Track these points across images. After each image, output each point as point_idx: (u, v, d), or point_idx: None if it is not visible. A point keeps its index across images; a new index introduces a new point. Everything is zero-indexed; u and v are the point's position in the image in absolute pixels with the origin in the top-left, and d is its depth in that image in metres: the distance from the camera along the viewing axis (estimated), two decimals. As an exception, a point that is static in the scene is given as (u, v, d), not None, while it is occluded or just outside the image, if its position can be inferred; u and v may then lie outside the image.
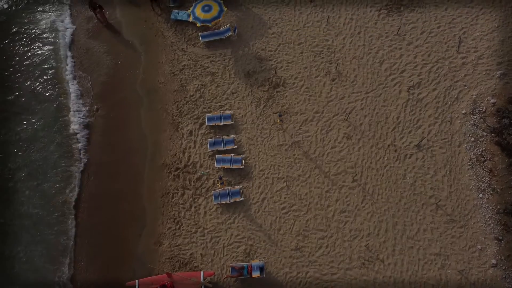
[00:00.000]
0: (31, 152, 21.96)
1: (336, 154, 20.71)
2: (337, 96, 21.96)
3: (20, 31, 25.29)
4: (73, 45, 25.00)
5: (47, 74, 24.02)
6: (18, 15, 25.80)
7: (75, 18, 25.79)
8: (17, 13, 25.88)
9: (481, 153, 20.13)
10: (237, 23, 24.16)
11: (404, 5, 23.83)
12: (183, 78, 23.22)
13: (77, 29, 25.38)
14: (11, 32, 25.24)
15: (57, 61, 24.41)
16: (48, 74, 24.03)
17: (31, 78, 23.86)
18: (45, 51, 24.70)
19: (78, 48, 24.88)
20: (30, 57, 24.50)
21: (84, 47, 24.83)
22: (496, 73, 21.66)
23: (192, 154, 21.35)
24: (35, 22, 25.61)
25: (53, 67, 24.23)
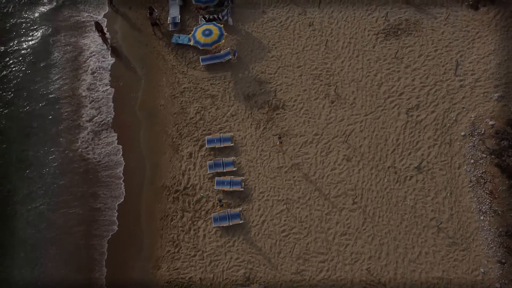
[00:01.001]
0: (35, 172, 21.93)
1: (336, 176, 20.67)
2: (337, 118, 22.08)
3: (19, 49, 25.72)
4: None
5: (51, 94, 24.24)
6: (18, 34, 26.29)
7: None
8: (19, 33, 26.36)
9: (481, 175, 20.10)
10: (237, 47, 24.51)
11: (401, 29, 24.23)
12: (184, 100, 23.40)
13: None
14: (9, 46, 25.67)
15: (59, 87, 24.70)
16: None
17: (30, 99, 24.06)
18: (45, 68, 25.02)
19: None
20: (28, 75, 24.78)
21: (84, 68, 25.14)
22: (494, 96, 21.85)
23: (191, 176, 21.31)
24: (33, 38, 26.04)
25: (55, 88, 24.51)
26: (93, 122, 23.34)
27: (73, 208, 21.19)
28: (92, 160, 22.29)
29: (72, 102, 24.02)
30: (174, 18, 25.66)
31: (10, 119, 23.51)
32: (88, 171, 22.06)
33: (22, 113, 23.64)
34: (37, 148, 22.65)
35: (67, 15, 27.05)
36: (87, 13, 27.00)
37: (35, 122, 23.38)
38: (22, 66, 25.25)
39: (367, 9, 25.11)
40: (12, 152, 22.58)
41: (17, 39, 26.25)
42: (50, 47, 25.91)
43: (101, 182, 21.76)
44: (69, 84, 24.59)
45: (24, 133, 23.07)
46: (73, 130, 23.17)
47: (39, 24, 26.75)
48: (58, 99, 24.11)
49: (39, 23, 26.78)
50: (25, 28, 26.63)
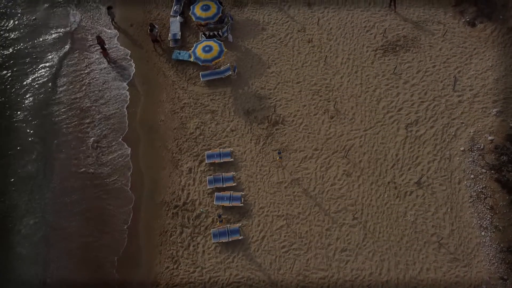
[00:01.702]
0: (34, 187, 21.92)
1: (336, 192, 20.61)
2: (336, 134, 22.14)
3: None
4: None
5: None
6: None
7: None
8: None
9: (482, 190, 20.04)
10: (237, 63, 24.74)
11: (399, 45, 24.50)
12: (184, 116, 23.50)
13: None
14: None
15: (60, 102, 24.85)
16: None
17: (28, 110, 24.19)
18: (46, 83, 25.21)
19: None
20: (28, 88, 24.94)
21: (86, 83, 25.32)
22: (492, 111, 21.95)
23: (191, 191, 21.25)
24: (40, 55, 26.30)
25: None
26: (94, 137, 23.39)
27: (73, 221, 21.07)
28: (95, 174, 22.26)
29: (72, 116, 24.11)
30: (175, 35, 25.97)
31: (8, 133, 23.60)
32: (90, 185, 22.01)
33: (20, 126, 23.75)
34: (36, 161, 22.65)
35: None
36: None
37: (34, 135, 23.46)
38: (22, 78, 25.44)
39: (365, 26, 25.43)
40: (13, 166, 22.59)
41: (23, 57, 26.55)
42: (55, 59, 26.20)
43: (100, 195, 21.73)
44: (68, 99, 24.73)
45: (23, 147, 23.12)
46: (73, 144, 23.18)
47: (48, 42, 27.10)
48: (57, 113, 24.23)
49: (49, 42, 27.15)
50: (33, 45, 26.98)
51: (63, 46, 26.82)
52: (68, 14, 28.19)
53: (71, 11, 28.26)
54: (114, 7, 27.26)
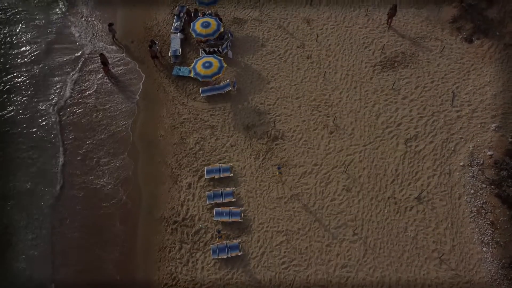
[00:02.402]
0: (29, 197, 21.80)
1: (336, 207, 20.53)
2: (335, 149, 22.17)
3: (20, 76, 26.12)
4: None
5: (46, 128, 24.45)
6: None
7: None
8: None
9: (482, 206, 19.97)
10: (237, 79, 24.93)
11: (397, 61, 24.74)
12: (183, 131, 23.56)
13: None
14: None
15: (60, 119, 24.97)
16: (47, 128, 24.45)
17: (28, 135, 24.26)
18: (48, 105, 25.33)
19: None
20: (30, 109, 25.05)
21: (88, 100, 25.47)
22: (491, 126, 22.03)
23: (190, 207, 21.16)
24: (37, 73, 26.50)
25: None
26: (95, 152, 23.40)
27: (71, 237, 20.91)
28: (95, 189, 22.19)
29: (73, 131, 24.18)
30: (175, 51, 26.24)
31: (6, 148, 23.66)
32: (89, 201, 21.92)
33: (18, 143, 23.80)
34: (36, 176, 22.64)
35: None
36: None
37: (34, 148, 23.50)
38: (20, 96, 25.60)
39: (364, 42, 25.72)
40: (9, 184, 22.56)
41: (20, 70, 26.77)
42: (54, 75, 26.44)
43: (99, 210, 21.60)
44: (69, 114, 24.85)
45: (19, 164, 23.11)
46: (73, 159, 23.20)
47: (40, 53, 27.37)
48: (57, 128, 24.32)
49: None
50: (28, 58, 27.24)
51: (65, 64, 27.11)
52: (69, 32, 28.56)
53: (73, 28, 28.64)
54: (115, 24, 27.58)
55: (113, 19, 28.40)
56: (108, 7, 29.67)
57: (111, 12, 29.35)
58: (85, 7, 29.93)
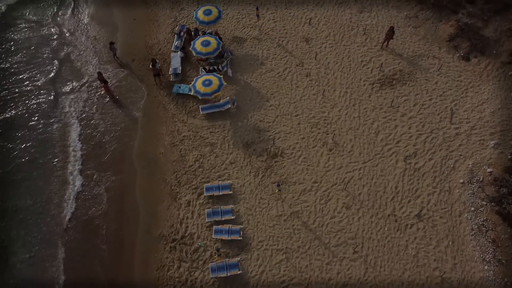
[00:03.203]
0: (27, 214, 21.66)
1: (335, 225, 20.40)
2: (335, 166, 22.16)
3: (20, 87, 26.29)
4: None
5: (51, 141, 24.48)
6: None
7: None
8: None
9: (483, 223, 19.85)
10: (236, 96, 25.10)
11: (396, 79, 24.96)
12: (183, 148, 23.60)
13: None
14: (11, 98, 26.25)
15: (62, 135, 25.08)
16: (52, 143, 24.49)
17: (31, 145, 24.30)
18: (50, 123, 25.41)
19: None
20: (33, 125, 25.14)
21: (90, 118, 25.57)
22: (490, 143, 22.07)
23: (189, 224, 21.03)
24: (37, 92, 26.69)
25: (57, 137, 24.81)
26: (95, 170, 23.39)
27: (68, 254, 20.72)
28: (94, 207, 22.09)
29: (71, 150, 24.22)
30: (176, 69, 26.50)
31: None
32: (88, 218, 21.79)
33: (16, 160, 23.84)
34: (34, 195, 22.57)
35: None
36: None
37: (33, 171, 23.49)
38: (20, 116, 25.74)
39: (362, 60, 26.00)
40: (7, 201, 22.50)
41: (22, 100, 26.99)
42: (55, 92, 26.62)
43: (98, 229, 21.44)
44: (66, 132, 24.95)
45: (17, 182, 23.09)
46: (73, 177, 23.20)
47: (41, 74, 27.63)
48: (57, 146, 24.36)
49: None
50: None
51: (66, 82, 27.37)
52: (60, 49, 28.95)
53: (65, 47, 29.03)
54: (116, 42, 27.93)
55: (114, 37, 28.78)
56: (109, 25, 30.12)
57: (112, 30, 29.77)
58: (87, 25, 30.39)
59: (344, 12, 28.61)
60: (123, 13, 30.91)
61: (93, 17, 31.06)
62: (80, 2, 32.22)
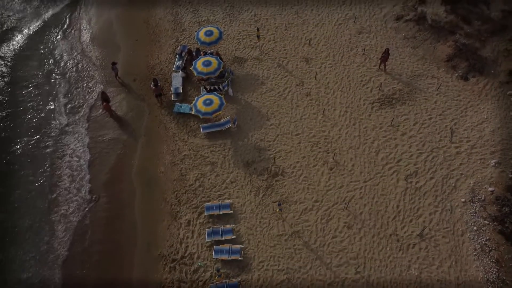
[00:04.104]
0: (25, 227, 21.46)
1: (337, 244, 20.20)
2: (336, 185, 22.09)
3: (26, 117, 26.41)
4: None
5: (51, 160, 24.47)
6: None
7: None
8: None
9: (486, 243, 19.65)
10: (237, 115, 25.23)
11: (395, 98, 25.14)
12: (183, 167, 23.57)
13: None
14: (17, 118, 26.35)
15: (61, 154, 25.09)
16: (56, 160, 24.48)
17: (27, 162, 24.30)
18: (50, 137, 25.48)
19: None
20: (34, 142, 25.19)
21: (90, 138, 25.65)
22: (491, 162, 22.07)
23: (189, 244, 20.82)
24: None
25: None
26: (94, 188, 23.31)
27: (66, 275, 20.44)
28: (93, 225, 21.91)
29: (71, 168, 24.20)
30: (177, 89, 26.71)
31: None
32: (87, 238, 21.59)
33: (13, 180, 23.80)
34: (33, 215, 22.43)
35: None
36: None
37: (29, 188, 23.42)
38: (19, 133, 25.84)
39: (362, 80, 26.24)
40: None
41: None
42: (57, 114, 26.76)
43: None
44: (66, 150, 24.99)
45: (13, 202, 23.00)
46: (71, 195, 23.08)
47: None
48: (57, 164, 24.36)
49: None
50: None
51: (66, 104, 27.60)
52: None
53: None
54: (117, 62, 28.23)
55: (116, 58, 29.11)
56: (111, 46, 30.53)
57: (114, 51, 30.15)
58: (90, 46, 30.81)
59: (343, 33, 29.04)
60: (125, 34, 31.36)
61: (96, 38, 31.49)
62: (83, 23, 32.72)
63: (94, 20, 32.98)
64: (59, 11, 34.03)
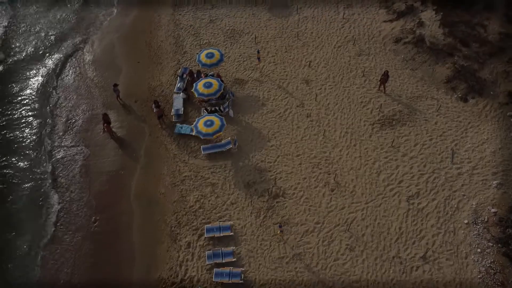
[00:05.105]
0: (19, 256, 21.16)
1: (339, 267, 19.89)
2: (337, 207, 21.92)
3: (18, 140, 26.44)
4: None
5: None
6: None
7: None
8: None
9: (490, 265, 19.34)
10: (238, 137, 25.25)
11: (395, 119, 25.21)
12: (184, 188, 23.45)
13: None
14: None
15: (65, 175, 25.01)
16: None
17: (25, 188, 24.16)
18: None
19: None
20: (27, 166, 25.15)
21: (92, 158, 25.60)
22: (493, 183, 21.95)
23: (189, 267, 20.50)
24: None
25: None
26: (94, 211, 23.13)
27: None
28: (88, 246, 21.64)
29: (74, 191, 24.08)
30: (178, 110, 26.83)
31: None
32: (86, 260, 21.29)
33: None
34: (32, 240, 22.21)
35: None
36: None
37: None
38: (19, 156, 25.83)
39: (362, 101, 26.38)
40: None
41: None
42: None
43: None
44: (68, 172, 24.91)
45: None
46: (71, 217, 22.88)
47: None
48: (56, 184, 24.25)
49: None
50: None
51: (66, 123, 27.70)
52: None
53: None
54: (119, 84, 28.44)
55: (118, 80, 29.34)
56: (113, 68, 30.82)
57: (116, 73, 30.42)
58: (92, 68, 31.12)
59: (343, 55, 29.37)
60: (127, 56, 31.72)
61: (98, 60, 31.81)
62: (85, 46, 33.10)
63: (97, 43, 33.42)
64: (62, 32, 34.42)
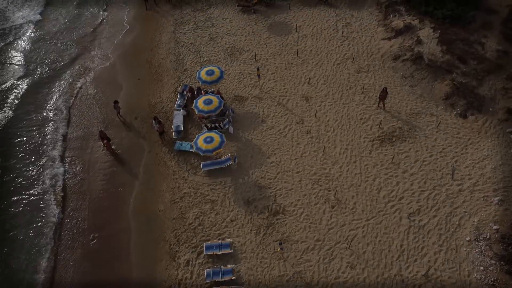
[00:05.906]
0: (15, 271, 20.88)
1: (340, 286, 19.58)
2: (338, 224, 21.73)
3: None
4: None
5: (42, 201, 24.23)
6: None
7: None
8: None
9: (493, 284, 19.04)
10: (238, 153, 25.23)
11: (395, 136, 25.22)
12: (183, 205, 23.30)
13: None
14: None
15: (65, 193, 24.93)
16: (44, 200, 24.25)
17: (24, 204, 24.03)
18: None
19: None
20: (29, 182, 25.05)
21: (92, 175, 25.52)
22: (494, 200, 21.81)
23: (188, 286, 20.20)
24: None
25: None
26: (93, 229, 22.94)
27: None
28: (93, 264, 21.38)
29: (72, 208, 23.94)
30: (178, 127, 26.88)
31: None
32: (86, 277, 21.02)
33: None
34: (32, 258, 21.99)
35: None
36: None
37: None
38: (20, 174, 25.78)
39: (361, 118, 26.45)
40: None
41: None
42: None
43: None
44: (68, 188, 24.82)
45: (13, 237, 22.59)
46: (70, 235, 22.69)
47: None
48: (55, 202, 24.11)
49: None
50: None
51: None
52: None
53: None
54: (119, 101, 28.58)
55: (118, 96, 29.51)
56: (114, 85, 31.04)
57: (116, 90, 30.63)
58: (93, 85, 31.34)
59: (342, 72, 29.60)
60: (128, 73, 31.98)
61: (99, 77, 32.07)
62: (86, 62, 33.41)
63: (98, 59, 33.74)
64: (63, 50, 34.82)
